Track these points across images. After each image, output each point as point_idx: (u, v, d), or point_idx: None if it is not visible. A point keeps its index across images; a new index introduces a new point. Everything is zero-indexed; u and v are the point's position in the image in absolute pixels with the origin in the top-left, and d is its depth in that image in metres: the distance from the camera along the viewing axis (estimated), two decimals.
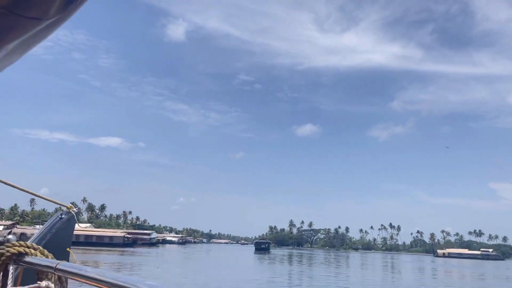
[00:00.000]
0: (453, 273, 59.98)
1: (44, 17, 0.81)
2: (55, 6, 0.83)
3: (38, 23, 0.82)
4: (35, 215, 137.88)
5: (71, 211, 3.99)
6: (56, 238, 3.61)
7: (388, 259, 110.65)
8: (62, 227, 3.72)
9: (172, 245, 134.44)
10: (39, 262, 1.90)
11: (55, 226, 3.69)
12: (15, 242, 2.08)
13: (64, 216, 3.86)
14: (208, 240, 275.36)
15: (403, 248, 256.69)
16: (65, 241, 3.81)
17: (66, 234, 3.84)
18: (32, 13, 0.78)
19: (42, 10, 0.82)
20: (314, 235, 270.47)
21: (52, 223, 3.74)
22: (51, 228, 3.65)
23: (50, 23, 0.88)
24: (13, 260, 2.01)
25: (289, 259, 78.77)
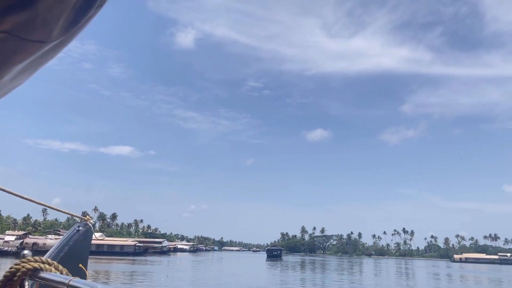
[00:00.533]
0: (470, 278, 58.49)
1: (47, 40, 0.82)
2: (57, 28, 0.84)
3: (42, 45, 0.83)
4: (47, 225, 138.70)
5: (88, 223, 4.01)
6: (74, 250, 3.61)
7: (403, 265, 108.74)
8: (79, 239, 3.74)
9: (184, 253, 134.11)
10: (53, 278, 1.93)
11: (73, 238, 3.70)
12: (30, 258, 2.11)
13: (81, 228, 3.88)
14: (220, 248, 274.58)
15: (417, 253, 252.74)
16: (82, 253, 3.80)
17: (83, 246, 3.84)
18: (35, 36, 0.79)
19: (45, 33, 0.83)
20: (327, 241, 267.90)
21: (70, 235, 3.75)
22: (68, 241, 3.66)
23: (55, 45, 0.89)
24: (28, 275, 2.04)
25: (301, 266, 77.76)
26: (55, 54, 0.95)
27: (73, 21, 0.88)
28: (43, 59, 0.95)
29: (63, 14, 0.84)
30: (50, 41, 0.83)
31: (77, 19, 0.90)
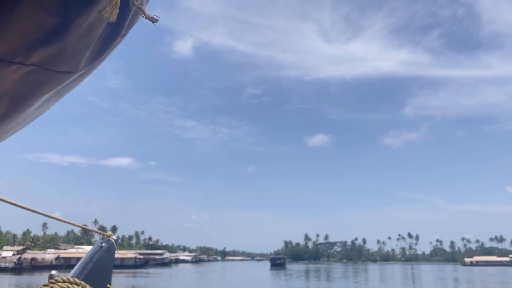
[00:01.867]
0: (489, 283, 56.79)
1: (74, 71, 0.84)
2: (85, 59, 0.87)
3: (69, 76, 0.85)
4: (47, 240, 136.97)
5: (111, 238, 3.78)
6: (98, 267, 3.47)
7: (409, 271, 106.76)
8: (103, 256, 3.57)
9: (186, 265, 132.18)
10: None
11: (96, 255, 3.54)
12: (58, 278, 2.11)
13: (104, 245, 3.68)
14: (223, 258, 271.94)
15: (423, 257, 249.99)
16: (106, 270, 3.67)
17: (107, 262, 3.67)
18: (64, 67, 0.81)
19: (73, 64, 0.85)
20: (331, 248, 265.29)
21: (93, 252, 3.60)
22: (92, 257, 3.51)
23: (80, 74, 0.91)
24: None
25: (306, 274, 76.04)
26: (80, 82, 0.98)
27: (100, 51, 0.91)
28: (68, 88, 0.97)
29: (90, 45, 0.86)
30: (77, 71, 0.85)
31: (103, 49, 0.92)
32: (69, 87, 0.98)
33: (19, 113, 0.83)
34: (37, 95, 0.82)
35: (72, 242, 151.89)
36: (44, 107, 1.02)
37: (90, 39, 0.85)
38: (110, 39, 0.93)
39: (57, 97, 1.01)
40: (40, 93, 0.82)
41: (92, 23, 0.84)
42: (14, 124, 0.88)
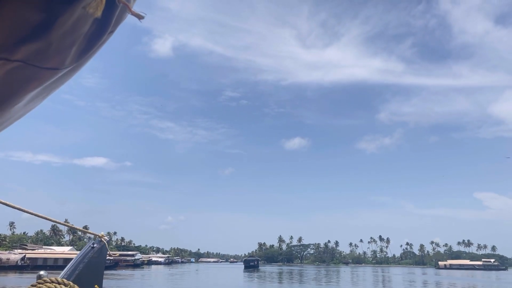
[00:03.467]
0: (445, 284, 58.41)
1: (61, 67, 0.84)
2: (71, 56, 0.87)
3: (56, 72, 0.85)
4: (14, 239, 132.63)
5: (103, 239, 3.90)
6: (88, 269, 3.55)
7: (380, 273, 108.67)
8: (94, 257, 3.67)
9: (158, 266, 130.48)
10: None
11: (87, 255, 3.65)
12: (46, 279, 2.10)
13: (96, 245, 3.80)
14: (197, 260, 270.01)
15: (393, 260, 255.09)
16: (97, 271, 3.75)
17: (98, 263, 3.76)
18: (50, 64, 0.82)
19: (59, 61, 0.85)
20: (304, 250, 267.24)
21: (84, 252, 3.70)
22: (83, 258, 3.62)
23: (68, 71, 0.91)
24: None
25: (279, 276, 76.29)
26: (68, 79, 0.98)
27: (86, 48, 0.91)
28: (56, 85, 0.98)
29: (76, 42, 0.86)
30: (63, 68, 0.86)
31: (89, 46, 0.92)
32: (57, 84, 0.98)
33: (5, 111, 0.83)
34: (23, 92, 0.82)
35: (41, 243, 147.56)
36: (31, 105, 1.02)
37: (76, 36, 0.85)
38: (97, 35, 0.92)
39: (44, 94, 1.00)
40: (26, 90, 0.82)
41: (78, 19, 0.83)
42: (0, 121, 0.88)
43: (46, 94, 1.01)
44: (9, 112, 0.87)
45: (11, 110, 0.87)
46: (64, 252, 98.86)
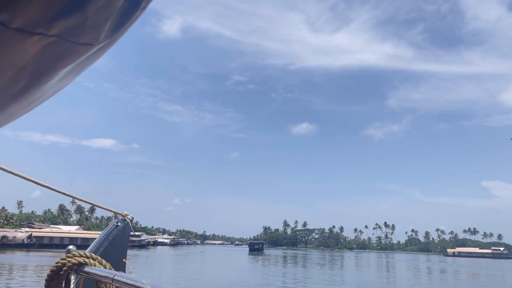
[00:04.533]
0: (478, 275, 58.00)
1: (95, 43, 0.84)
2: (105, 31, 0.87)
3: (90, 48, 0.85)
4: (22, 218, 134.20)
5: (126, 218, 4.02)
6: (113, 245, 3.69)
7: (390, 259, 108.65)
8: (118, 235, 3.80)
9: (164, 247, 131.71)
10: (98, 273, 2.03)
11: (112, 233, 3.77)
12: (75, 253, 2.19)
13: (120, 224, 3.92)
14: (202, 242, 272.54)
15: (398, 247, 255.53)
16: (121, 248, 3.87)
17: (121, 242, 3.89)
18: (84, 39, 0.81)
19: (93, 37, 0.85)
20: (309, 235, 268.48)
21: (109, 230, 3.81)
22: (107, 236, 3.74)
23: (101, 47, 0.91)
24: (74, 269, 2.14)
25: (283, 259, 76.42)
26: (101, 55, 0.98)
27: (119, 23, 0.91)
28: (89, 61, 0.97)
29: (110, 17, 0.86)
30: (97, 43, 0.85)
31: (123, 22, 0.92)
32: (89, 61, 0.97)
33: (39, 87, 0.83)
34: (57, 67, 0.82)
35: (48, 222, 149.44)
36: (64, 81, 1.01)
37: (111, 11, 0.85)
38: (130, 11, 0.92)
39: (77, 71, 1.00)
40: (60, 65, 0.82)
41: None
42: (34, 98, 0.88)
43: (79, 71, 1.01)
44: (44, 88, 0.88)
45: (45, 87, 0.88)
46: (70, 231, 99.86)
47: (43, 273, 32.62)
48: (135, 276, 1.79)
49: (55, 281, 2.16)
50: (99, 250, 3.47)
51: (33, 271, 33.97)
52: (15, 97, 0.80)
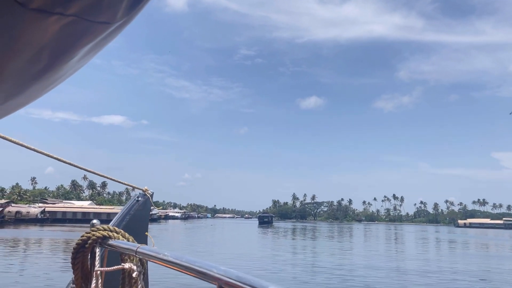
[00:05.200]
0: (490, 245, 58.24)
1: (112, 21, 0.84)
2: (122, 9, 0.86)
3: (108, 27, 0.85)
4: (35, 194, 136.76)
5: (147, 193, 4.09)
6: (134, 219, 3.77)
7: (398, 231, 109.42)
8: (139, 209, 3.88)
9: (175, 221, 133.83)
10: (122, 245, 2.12)
11: (133, 208, 3.84)
12: (99, 227, 2.32)
13: (140, 199, 3.99)
14: (213, 215, 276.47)
15: (406, 218, 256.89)
16: (142, 222, 3.96)
17: (143, 215, 3.97)
18: (102, 18, 0.82)
19: (111, 15, 0.85)
20: (317, 207, 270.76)
21: (130, 205, 3.90)
22: (129, 210, 3.81)
23: (118, 25, 0.91)
24: (98, 243, 2.26)
25: (292, 232, 77.32)
26: (117, 34, 0.97)
27: (136, 1, 0.90)
28: (107, 40, 0.97)
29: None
30: (114, 22, 0.86)
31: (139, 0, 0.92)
32: (107, 40, 0.98)
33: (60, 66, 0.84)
34: (77, 47, 0.83)
35: (61, 197, 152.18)
36: (84, 60, 1.02)
37: None
38: None
39: (96, 50, 1.00)
40: (80, 44, 0.83)
41: None
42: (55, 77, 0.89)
43: (97, 50, 1.01)
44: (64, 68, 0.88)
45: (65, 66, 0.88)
46: (83, 206, 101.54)
47: (63, 247, 33.37)
48: (157, 248, 1.85)
49: (80, 253, 2.31)
50: (122, 224, 3.61)
51: (54, 245, 34.73)
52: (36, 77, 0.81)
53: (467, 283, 18.85)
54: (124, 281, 2.15)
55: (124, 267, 2.09)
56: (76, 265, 2.33)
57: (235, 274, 1.17)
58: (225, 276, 1.20)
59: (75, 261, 2.34)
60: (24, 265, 20.89)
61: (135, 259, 2.10)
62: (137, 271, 2.08)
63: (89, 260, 2.34)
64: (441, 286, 17.58)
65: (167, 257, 1.62)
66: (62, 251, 29.03)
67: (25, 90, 0.86)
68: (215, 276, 1.26)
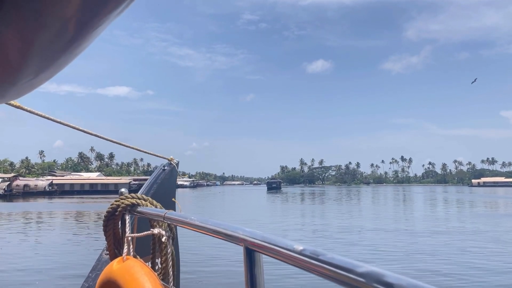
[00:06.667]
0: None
1: None
2: None
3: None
4: (44, 167, 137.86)
5: (172, 162, 4.24)
6: (161, 188, 3.89)
7: (406, 192, 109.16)
8: (166, 178, 4.03)
9: (184, 189, 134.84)
10: (150, 212, 2.21)
11: (160, 177, 3.98)
12: (128, 195, 2.46)
13: (166, 168, 4.13)
14: (222, 183, 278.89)
15: (415, 180, 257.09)
16: (169, 191, 4.12)
17: (169, 184, 4.15)
18: None
19: None
20: (325, 172, 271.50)
21: (157, 174, 4.02)
22: (156, 179, 3.93)
23: None
24: (127, 210, 2.38)
25: (300, 196, 77.23)
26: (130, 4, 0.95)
27: None
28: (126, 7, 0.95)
29: None
30: None
31: None
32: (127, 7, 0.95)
33: (85, 37, 0.87)
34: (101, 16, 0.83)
35: (70, 170, 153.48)
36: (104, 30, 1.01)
37: None
38: None
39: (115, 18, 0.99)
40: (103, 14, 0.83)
41: None
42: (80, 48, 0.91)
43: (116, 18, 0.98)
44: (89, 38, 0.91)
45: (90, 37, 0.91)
46: (90, 177, 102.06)
47: (83, 218, 33.15)
48: (184, 213, 1.91)
49: (111, 221, 2.43)
50: (150, 193, 3.71)
51: (72, 217, 34.56)
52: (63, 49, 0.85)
53: None
54: (154, 246, 2.27)
55: (154, 232, 2.19)
56: (108, 232, 2.44)
57: (260, 234, 1.21)
58: (251, 237, 1.24)
59: (106, 228, 2.45)
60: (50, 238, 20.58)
61: (163, 224, 2.19)
62: (166, 236, 2.18)
63: (119, 227, 2.44)
64: None
65: (194, 221, 1.68)
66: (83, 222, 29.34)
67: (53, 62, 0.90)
68: (241, 237, 1.30)
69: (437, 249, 16.05)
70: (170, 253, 2.21)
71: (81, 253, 15.78)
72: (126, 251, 2.25)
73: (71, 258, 14.73)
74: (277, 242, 1.06)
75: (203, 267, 12.61)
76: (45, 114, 3.14)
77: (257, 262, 1.27)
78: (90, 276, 3.24)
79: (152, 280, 1.97)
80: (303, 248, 0.90)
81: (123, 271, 2.09)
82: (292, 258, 0.93)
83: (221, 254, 14.23)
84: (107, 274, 2.20)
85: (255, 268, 1.27)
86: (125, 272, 2.07)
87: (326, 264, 0.81)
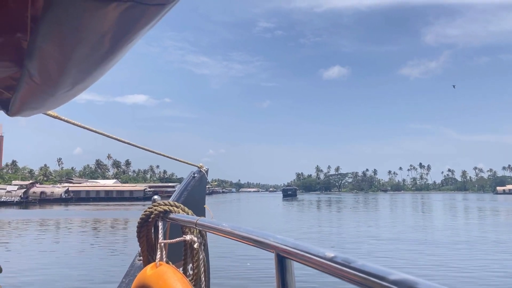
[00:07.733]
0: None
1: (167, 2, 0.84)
2: None
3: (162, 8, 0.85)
4: (62, 174, 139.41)
5: (202, 170, 4.32)
6: (192, 195, 3.99)
7: (425, 199, 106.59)
8: (196, 185, 4.13)
9: None
10: (182, 218, 2.26)
11: (190, 184, 4.09)
12: (160, 202, 2.52)
13: (196, 175, 4.22)
14: (237, 190, 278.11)
15: (434, 187, 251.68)
16: (199, 197, 4.17)
17: (199, 191, 4.23)
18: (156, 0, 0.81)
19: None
20: (342, 179, 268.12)
21: (187, 181, 4.11)
22: (186, 186, 4.04)
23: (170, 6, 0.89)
24: (160, 217, 2.44)
25: (317, 204, 75.94)
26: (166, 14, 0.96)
27: None
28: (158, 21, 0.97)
29: None
30: (169, 3, 0.85)
31: None
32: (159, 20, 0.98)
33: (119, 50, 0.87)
34: (135, 30, 0.84)
35: (87, 177, 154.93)
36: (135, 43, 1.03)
37: None
38: None
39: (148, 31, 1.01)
40: (137, 28, 0.84)
41: None
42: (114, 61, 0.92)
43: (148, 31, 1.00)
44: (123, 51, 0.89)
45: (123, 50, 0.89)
46: (105, 184, 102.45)
47: (111, 225, 32.88)
48: (215, 220, 1.93)
49: (145, 227, 2.49)
50: (180, 199, 3.79)
51: (101, 224, 34.36)
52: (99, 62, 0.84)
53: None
54: (186, 252, 2.32)
55: (186, 238, 2.23)
56: (141, 238, 2.50)
57: (292, 241, 1.22)
58: (283, 244, 1.24)
59: (140, 234, 2.51)
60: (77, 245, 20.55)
61: (195, 231, 2.24)
62: (198, 242, 2.23)
63: (152, 233, 2.49)
64: None
65: (226, 228, 1.69)
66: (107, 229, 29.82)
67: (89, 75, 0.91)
68: (272, 244, 1.30)
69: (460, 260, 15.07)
70: (202, 259, 2.25)
71: (112, 259, 15.90)
72: (159, 257, 2.28)
73: (102, 264, 14.82)
74: (308, 249, 1.06)
75: (234, 273, 12.64)
76: (81, 124, 3.26)
77: (288, 269, 1.26)
78: (124, 282, 3.26)
79: (184, 285, 1.98)
80: (334, 255, 0.90)
81: (156, 276, 2.12)
82: (324, 265, 0.93)
83: (252, 261, 14.19)
84: (141, 279, 2.24)
85: (286, 275, 1.27)
86: (158, 278, 2.09)
87: (358, 272, 0.80)
